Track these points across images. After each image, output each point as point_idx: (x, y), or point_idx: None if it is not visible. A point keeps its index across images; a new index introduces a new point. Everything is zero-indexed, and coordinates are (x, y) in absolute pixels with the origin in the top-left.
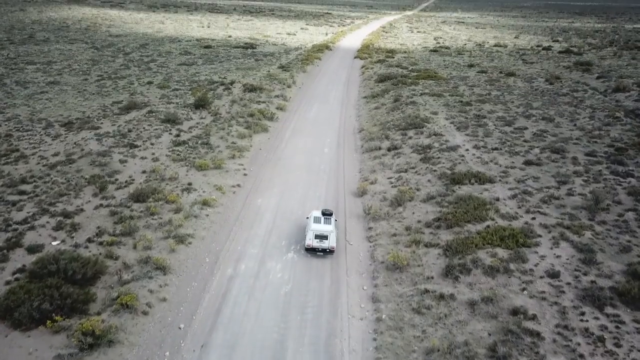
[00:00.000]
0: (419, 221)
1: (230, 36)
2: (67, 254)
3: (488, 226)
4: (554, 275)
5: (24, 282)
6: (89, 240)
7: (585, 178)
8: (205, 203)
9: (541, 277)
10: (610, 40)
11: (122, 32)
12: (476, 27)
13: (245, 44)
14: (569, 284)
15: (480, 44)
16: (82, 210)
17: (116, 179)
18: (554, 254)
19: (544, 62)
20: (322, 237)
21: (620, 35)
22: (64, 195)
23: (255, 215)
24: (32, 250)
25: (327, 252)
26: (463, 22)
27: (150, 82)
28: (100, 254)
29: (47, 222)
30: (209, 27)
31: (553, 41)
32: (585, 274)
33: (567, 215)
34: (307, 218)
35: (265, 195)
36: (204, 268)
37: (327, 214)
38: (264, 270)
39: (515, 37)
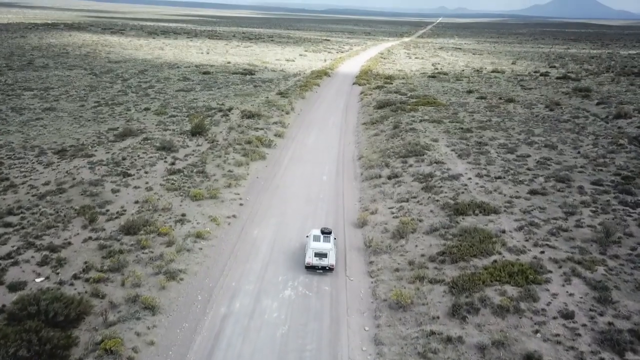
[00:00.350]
0: (422, 255)
1: (229, 62)
2: (49, 293)
3: (495, 261)
4: (568, 315)
5: (1, 325)
6: (75, 276)
7: (594, 209)
8: (199, 235)
9: (554, 318)
10: (606, 66)
11: (121, 59)
12: (473, 53)
13: (244, 70)
14: (584, 325)
15: (478, 70)
16: (69, 243)
17: (107, 210)
18: (567, 292)
19: (543, 88)
20: (321, 255)
21: (616, 61)
22: (52, 228)
23: (251, 248)
24: (13, 288)
25: (327, 269)
26: (460, 49)
27: (147, 109)
28: (85, 292)
29: (32, 257)
30: (208, 53)
31: (550, 67)
32: (601, 315)
33: (577, 249)
34: (307, 237)
35: (261, 226)
36: (196, 307)
37: (326, 232)
38: (259, 308)
39: (512, 63)
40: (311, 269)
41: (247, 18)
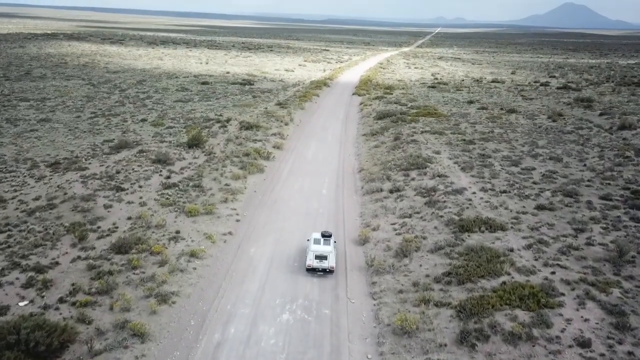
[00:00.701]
0: (427, 275)
1: (228, 72)
2: (31, 321)
3: (504, 282)
4: (584, 344)
5: None
6: (61, 300)
7: (604, 225)
8: (193, 254)
9: (570, 347)
10: (606, 76)
11: (120, 69)
12: (472, 63)
13: (243, 80)
14: (603, 355)
15: (478, 80)
16: (57, 263)
17: (98, 227)
18: (581, 317)
19: (544, 98)
20: (321, 257)
21: (616, 71)
22: (39, 246)
23: (248, 268)
24: None
25: (327, 271)
26: (459, 58)
27: (144, 120)
28: (71, 317)
29: (17, 279)
30: (207, 63)
31: (550, 77)
32: (620, 343)
33: (589, 269)
34: (308, 240)
35: (258, 244)
36: (188, 333)
37: (326, 235)
38: (255, 335)
39: (512, 73)
40: (311, 271)
41: (246, 28)
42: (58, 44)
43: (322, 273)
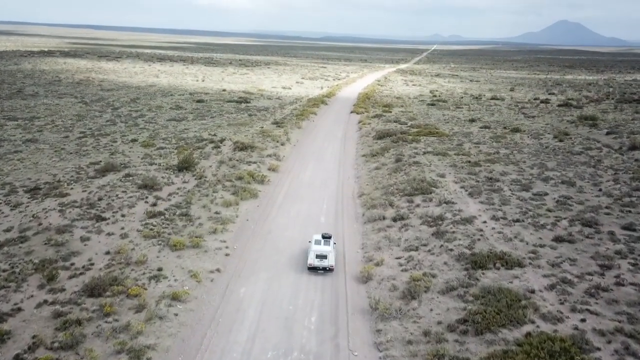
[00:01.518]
0: (439, 322)
1: (224, 90)
2: None
3: (529, 334)
4: None
5: None
6: (17, 357)
7: (632, 261)
8: (175, 297)
9: None
10: (606, 93)
11: (114, 86)
12: (470, 80)
13: (239, 98)
14: None
15: (477, 97)
16: (19, 309)
17: (72, 264)
18: None
19: (546, 116)
20: (322, 256)
21: (615, 88)
22: (2, 289)
23: (236, 313)
24: None
25: (327, 270)
26: (457, 75)
27: (134, 140)
28: None
29: None
30: (203, 80)
31: (549, 94)
32: None
33: (624, 315)
34: (310, 242)
35: (249, 283)
36: None
37: (326, 236)
38: None
39: (510, 90)
40: (313, 270)
41: (244, 45)
42: (53, 61)
43: (322, 271)
